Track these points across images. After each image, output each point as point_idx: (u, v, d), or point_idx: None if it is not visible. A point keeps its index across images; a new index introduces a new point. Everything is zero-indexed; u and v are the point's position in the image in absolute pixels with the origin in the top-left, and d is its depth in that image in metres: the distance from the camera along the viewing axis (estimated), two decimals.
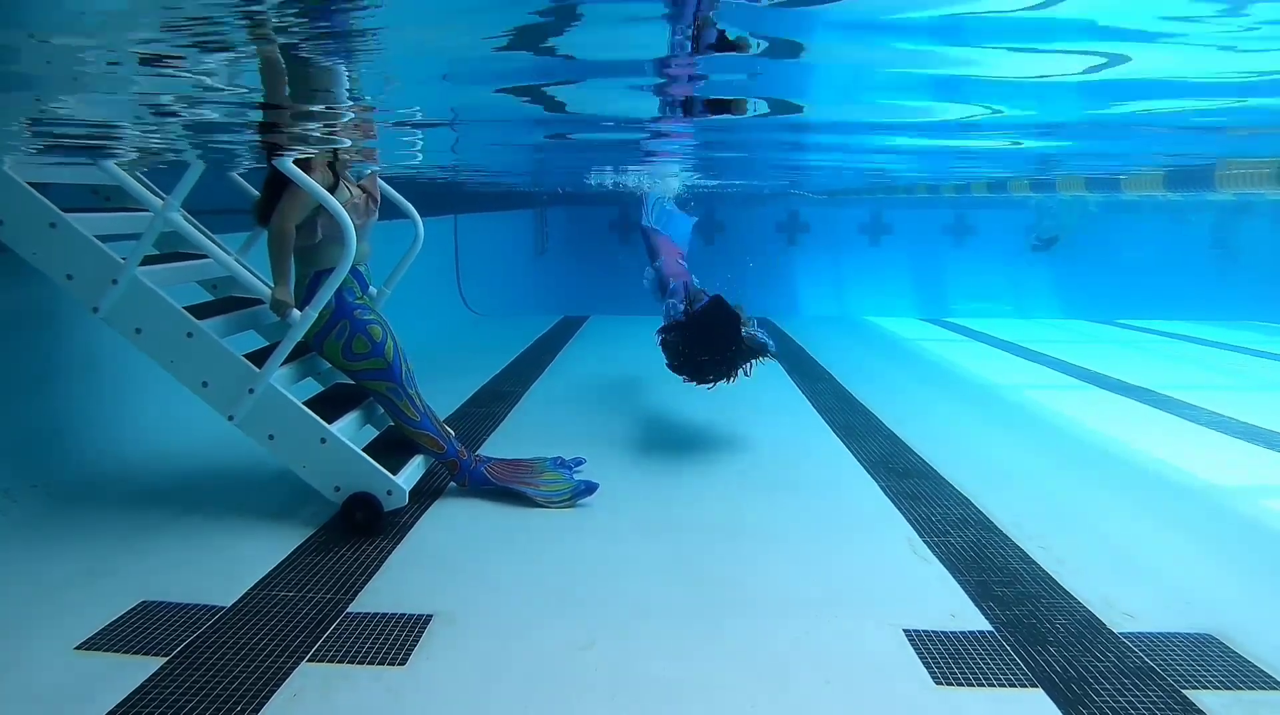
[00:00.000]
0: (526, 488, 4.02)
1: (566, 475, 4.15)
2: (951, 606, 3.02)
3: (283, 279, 3.55)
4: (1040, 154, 4.71)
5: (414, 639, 2.72)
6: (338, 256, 3.55)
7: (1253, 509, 4.17)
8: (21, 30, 1.74)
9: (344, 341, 3.71)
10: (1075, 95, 2.57)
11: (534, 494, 4.00)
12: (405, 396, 3.86)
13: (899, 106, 2.96)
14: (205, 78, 2.18)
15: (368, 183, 3.98)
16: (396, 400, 3.85)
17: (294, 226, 3.53)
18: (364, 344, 3.73)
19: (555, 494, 4.01)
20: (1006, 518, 3.87)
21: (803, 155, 5.40)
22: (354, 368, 3.79)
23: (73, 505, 3.72)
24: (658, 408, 5.80)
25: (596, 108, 2.96)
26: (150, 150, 3.50)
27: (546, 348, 8.53)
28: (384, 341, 3.79)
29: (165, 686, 2.41)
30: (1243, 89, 2.34)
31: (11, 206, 3.35)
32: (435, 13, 1.66)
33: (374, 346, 3.75)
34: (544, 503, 3.97)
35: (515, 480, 4.07)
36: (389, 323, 3.90)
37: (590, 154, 5.21)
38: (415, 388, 3.93)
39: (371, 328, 3.77)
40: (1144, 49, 1.87)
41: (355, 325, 3.72)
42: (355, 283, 3.83)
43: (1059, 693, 2.47)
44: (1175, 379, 7.28)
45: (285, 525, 3.59)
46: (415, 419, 3.90)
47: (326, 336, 3.71)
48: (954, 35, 1.84)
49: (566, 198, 11.95)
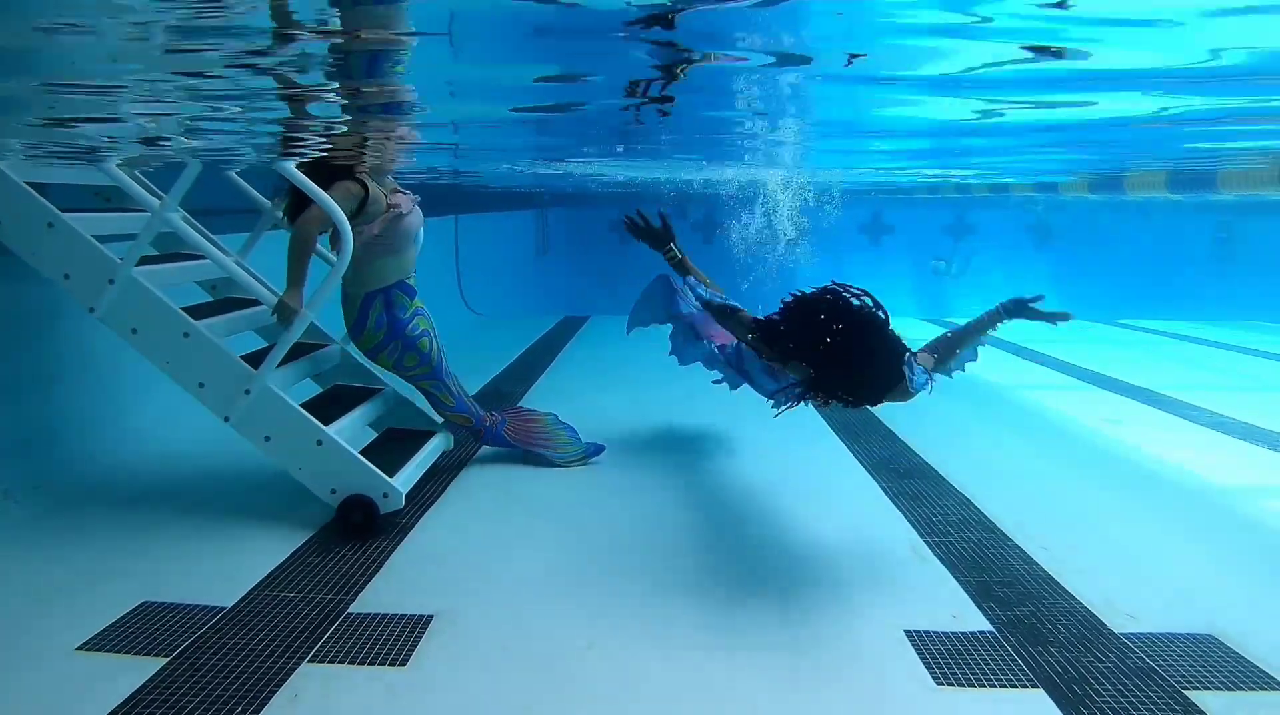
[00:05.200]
0: (544, 450, 4.45)
1: (571, 435, 4.57)
2: (952, 607, 3.01)
3: (296, 285, 3.54)
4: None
5: (415, 639, 2.72)
6: (390, 275, 3.84)
7: (1254, 509, 4.17)
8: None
9: (396, 357, 4.01)
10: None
11: (551, 455, 4.44)
12: (444, 387, 4.19)
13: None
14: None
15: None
16: (436, 392, 4.19)
17: (317, 233, 3.58)
18: (414, 358, 4.04)
19: (570, 455, 4.49)
20: (1007, 518, 3.86)
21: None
22: (404, 374, 4.10)
23: (73, 506, 3.72)
24: (658, 408, 5.80)
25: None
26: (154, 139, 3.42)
27: (547, 348, 8.53)
28: (430, 349, 4.07)
29: (166, 687, 2.41)
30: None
31: (9, 206, 3.35)
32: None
33: (422, 358, 4.05)
34: (561, 463, 4.44)
35: (533, 442, 4.47)
36: (431, 317, 4.15)
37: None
38: (451, 374, 4.23)
39: (420, 342, 4.03)
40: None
41: (406, 344, 3.98)
42: (404, 296, 3.99)
43: (1060, 693, 2.47)
44: (1176, 379, 7.28)
45: (286, 525, 3.58)
46: (450, 404, 4.23)
47: (380, 352, 3.99)
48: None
49: (568, 199, 11.95)
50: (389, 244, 3.83)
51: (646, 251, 4.28)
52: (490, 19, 1.82)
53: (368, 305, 3.88)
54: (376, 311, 3.89)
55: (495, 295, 10.87)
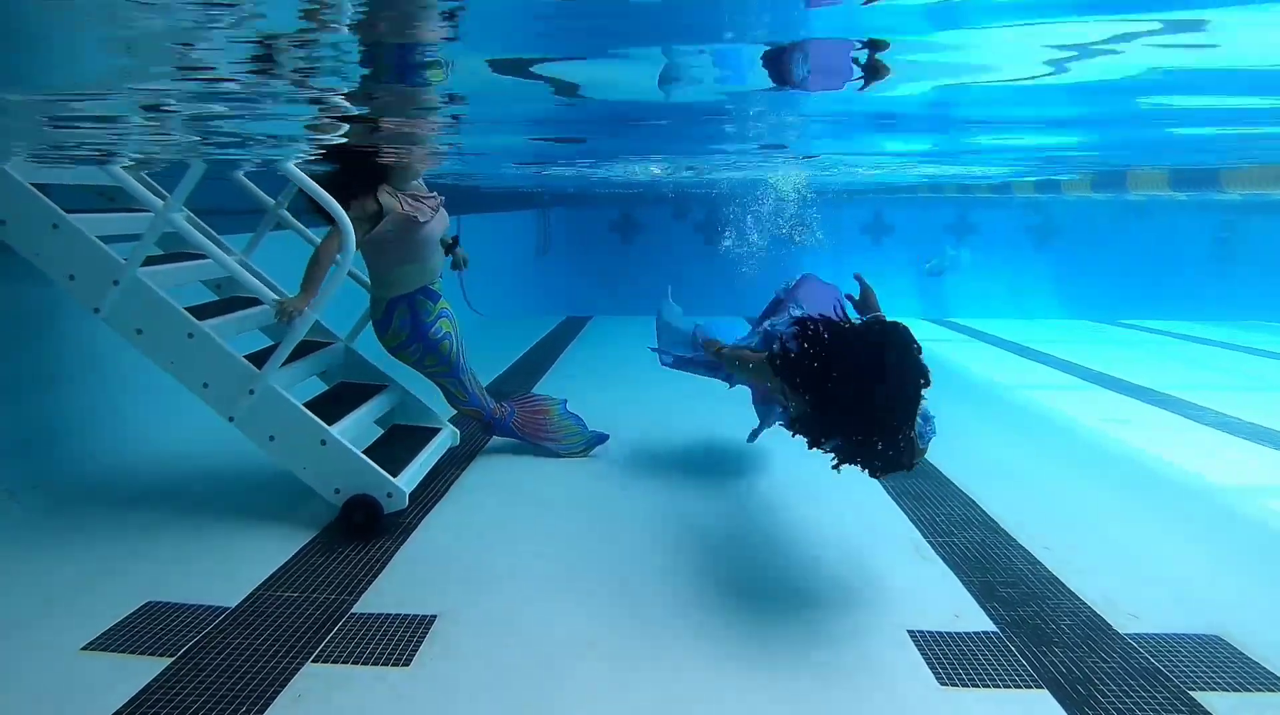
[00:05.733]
0: (549, 443, 4.61)
1: (577, 424, 4.70)
2: (956, 607, 3.01)
3: (306, 292, 3.53)
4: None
5: (418, 639, 2.72)
6: (413, 281, 4.00)
7: (1258, 509, 4.16)
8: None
9: (417, 357, 4.15)
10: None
11: (556, 447, 4.61)
12: (460, 384, 4.34)
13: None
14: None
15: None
16: (452, 388, 4.35)
17: (336, 251, 3.53)
18: (434, 359, 4.18)
19: (575, 446, 4.64)
20: (1010, 518, 3.86)
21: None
22: (424, 371, 4.25)
23: (77, 506, 3.72)
24: (659, 408, 5.80)
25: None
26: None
27: (549, 348, 8.53)
28: (450, 351, 4.20)
29: (171, 687, 2.41)
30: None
31: (14, 207, 3.35)
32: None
33: (442, 358, 4.20)
34: (565, 454, 4.61)
35: (540, 436, 4.62)
36: (455, 318, 4.29)
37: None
38: (469, 371, 4.38)
39: (442, 345, 4.16)
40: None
41: (427, 347, 4.12)
42: (428, 301, 4.11)
43: (1064, 694, 2.47)
44: (1179, 379, 7.27)
45: (290, 525, 3.59)
46: (464, 399, 4.39)
47: (402, 351, 4.12)
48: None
49: (569, 198, 11.95)
50: (410, 253, 3.94)
51: (646, 252, 4.27)
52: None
53: (392, 309, 4.02)
54: (400, 316, 4.04)
55: (496, 295, 10.86)
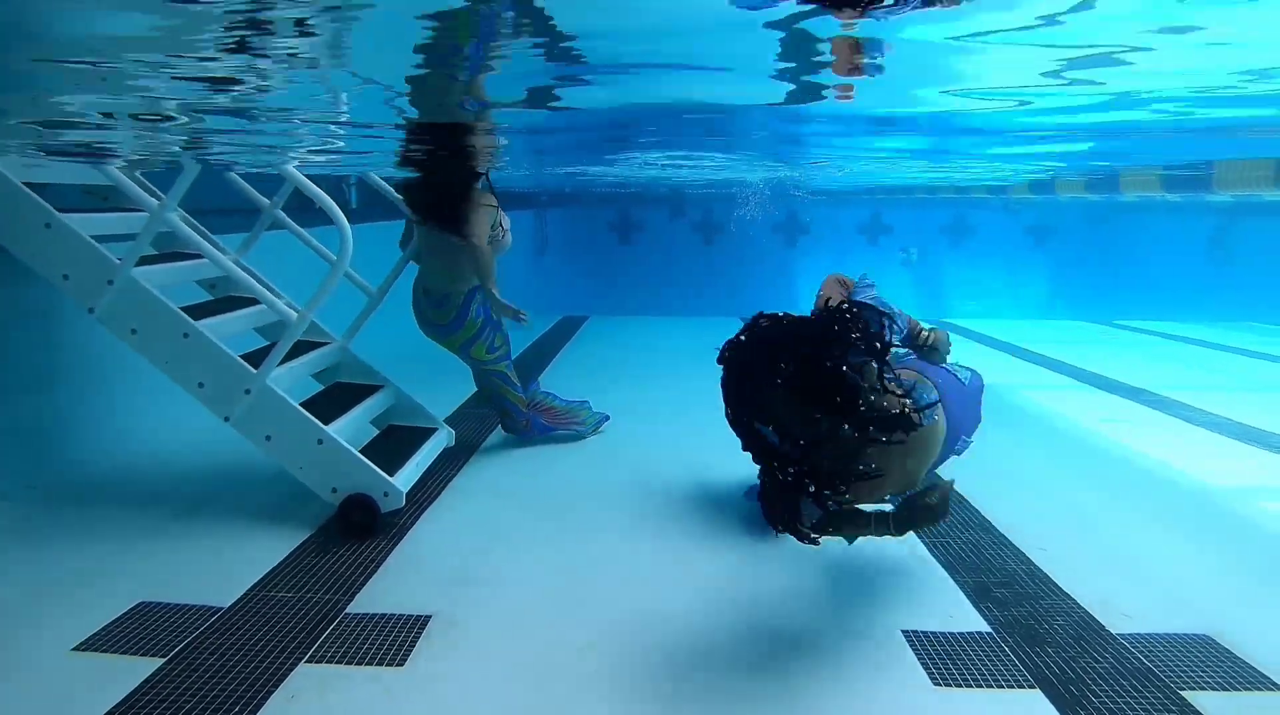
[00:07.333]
0: (576, 427, 4.97)
1: (582, 407, 5.04)
2: (949, 607, 3.02)
3: (494, 289, 4.25)
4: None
5: (412, 640, 2.72)
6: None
7: (1251, 510, 4.18)
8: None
9: (489, 342, 4.40)
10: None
11: (582, 430, 4.99)
12: (513, 369, 4.59)
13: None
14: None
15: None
16: (509, 373, 4.57)
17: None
18: (501, 339, 4.48)
19: (590, 426, 5.04)
20: (1004, 519, 3.87)
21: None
22: (488, 359, 4.45)
23: (69, 505, 3.72)
24: (658, 408, 5.80)
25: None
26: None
27: (546, 348, 8.52)
28: (507, 334, 4.53)
29: (163, 687, 2.41)
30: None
31: (6, 206, 3.34)
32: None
33: (506, 341, 4.52)
34: (588, 434, 5.04)
35: (559, 425, 4.94)
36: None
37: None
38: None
39: (503, 326, 4.49)
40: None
41: (495, 328, 4.44)
42: (480, 294, 4.40)
43: (1056, 693, 2.48)
44: (1173, 380, 7.28)
45: (284, 525, 3.58)
46: (516, 386, 4.62)
47: (475, 342, 4.36)
48: None
49: (566, 198, 11.92)
50: (497, 248, 4.36)
51: (645, 252, 4.30)
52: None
53: (470, 298, 4.30)
54: (477, 304, 4.33)
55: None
